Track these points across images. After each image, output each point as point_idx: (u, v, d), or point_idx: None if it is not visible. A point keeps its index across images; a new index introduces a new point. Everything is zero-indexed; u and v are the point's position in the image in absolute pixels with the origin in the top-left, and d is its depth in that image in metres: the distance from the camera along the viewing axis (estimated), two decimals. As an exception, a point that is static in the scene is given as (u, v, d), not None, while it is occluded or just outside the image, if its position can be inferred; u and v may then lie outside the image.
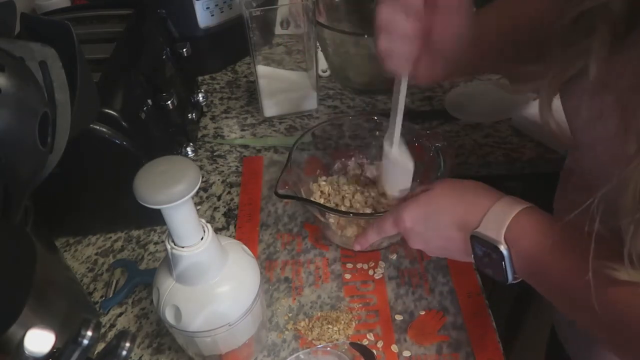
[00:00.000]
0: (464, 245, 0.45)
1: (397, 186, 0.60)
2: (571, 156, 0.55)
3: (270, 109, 0.85)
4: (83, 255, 0.67)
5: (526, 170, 0.76)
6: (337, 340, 0.55)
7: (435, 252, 0.51)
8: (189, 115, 0.79)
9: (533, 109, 0.81)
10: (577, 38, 0.35)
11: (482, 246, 0.43)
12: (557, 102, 0.41)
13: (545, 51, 0.39)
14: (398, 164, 0.58)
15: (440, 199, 0.48)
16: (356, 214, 0.62)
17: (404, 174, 0.59)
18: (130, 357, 0.39)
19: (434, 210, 0.48)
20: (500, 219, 0.42)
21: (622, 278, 0.33)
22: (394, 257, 0.64)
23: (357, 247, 0.56)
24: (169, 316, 0.45)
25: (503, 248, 0.41)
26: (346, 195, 0.65)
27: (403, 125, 0.56)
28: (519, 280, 0.43)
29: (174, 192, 0.38)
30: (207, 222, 0.44)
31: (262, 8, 0.76)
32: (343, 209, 0.64)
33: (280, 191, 0.58)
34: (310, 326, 0.57)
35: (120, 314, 0.60)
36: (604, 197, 0.32)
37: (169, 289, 0.45)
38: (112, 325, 0.59)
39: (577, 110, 0.40)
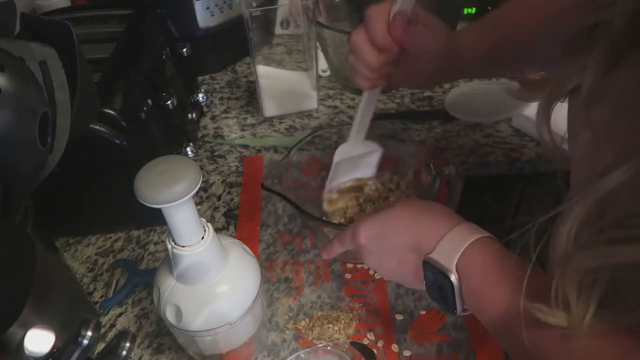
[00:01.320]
0: (415, 270, 0.43)
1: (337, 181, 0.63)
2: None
3: (270, 109, 0.85)
4: (83, 255, 0.67)
5: (526, 170, 0.76)
6: (337, 339, 0.55)
7: (388, 275, 0.49)
8: (189, 115, 0.79)
9: (533, 109, 0.80)
10: (577, 53, 0.34)
11: (433, 273, 0.41)
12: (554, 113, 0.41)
13: (544, 64, 0.39)
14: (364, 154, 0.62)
15: (397, 219, 0.46)
16: (331, 224, 0.60)
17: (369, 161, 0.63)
18: (130, 357, 0.39)
19: (390, 230, 0.45)
20: (454, 247, 0.40)
21: (549, 321, 0.32)
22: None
23: (324, 256, 0.54)
24: (170, 316, 0.45)
25: (454, 278, 0.39)
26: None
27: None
28: (468, 313, 0.42)
29: (175, 192, 0.38)
30: (207, 222, 0.44)
31: (262, 8, 0.76)
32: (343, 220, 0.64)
33: (267, 182, 0.58)
34: (311, 326, 0.57)
35: (120, 314, 0.60)
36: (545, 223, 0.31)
37: (169, 288, 0.45)
38: (112, 325, 0.59)
39: (570, 123, 0.40)
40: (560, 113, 0.41)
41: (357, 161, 0.63)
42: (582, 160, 0.36)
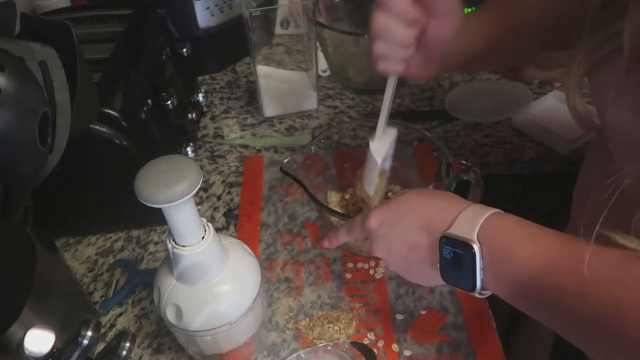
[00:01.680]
0: (427, 254, 0.43)
1: (373, 181, 0.60)
2: (595, 141, 0.54)
3: (270, 109, 0.85)
4: (83, 255, 0.67)
5: (526, 170, 0.76)
6: (337, 339, 0.55)
7: (395, 263, 0.48)
8: (189, 115, 0.79)
9: (533, 109, 0.81)
10: (607, 21, 0.35)
11: (452, 247, 0.40)
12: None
13: (572, 35, 0.39)
14: (372, 158, 0.58)
15: (410, 202, 0.46)
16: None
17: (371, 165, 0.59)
18: (130, 357, 0.39)
19: (402, 212, 0.45)
20: (473, 220, 0.40)
21: (627, 244, 0.32)
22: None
23: (326, 244, 0.54)
24: (170, 315, 0.45)
25: (476, 247, 0.39)
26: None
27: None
28: (487, 294, 0.41)
29: (175, 192, 0.38)
30: (207, 222, 0.44)
31: (262, 8, 0.76)
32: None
33: (285, 166, 0.58)
34: (311, 325, 0.57)
35: (120, 314, 0.60)
36: (628, 174, 0.32)
37: (170, 288, 0.45)
38: (112, 325, 0.59)
39: (604, 89, 0.40)
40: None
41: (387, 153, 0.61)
42: (623, 127, 0.37)
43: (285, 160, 0.60)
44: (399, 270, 0.48)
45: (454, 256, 0.41)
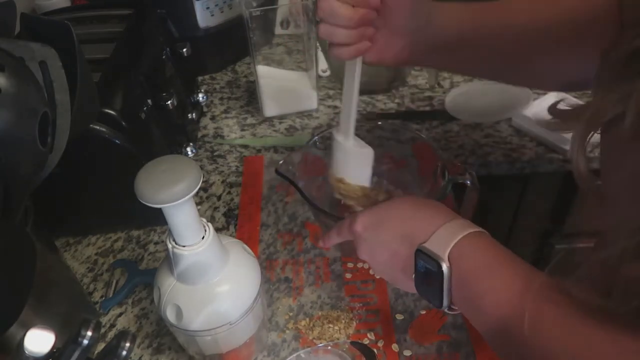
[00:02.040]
0: (405, 263, 0.43)
1: (363, 176, 0.59)
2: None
3: (270, 109, 0.85)
4: (83, 255, 0.67)
5: (526, 170, 0.76)
6: (337, 339, 0.55)
7: (379, 268, 0.48)
8: (189, 115, 0.79)
9: (533, 109, 0.81)
10: (622, 79, 0.32)
11: (424, 262, 0.41)
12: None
13: (593, 85, 0.37)
14: (359, 155, 0.57)
15: (396, 210, 0.46)
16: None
17: (366, 162, 0.58)
18: (130, 357, 0.39)
19: (387, 219, 0.46)
20: (448, 237, 0.40)
21: (581, 296, 0.32)
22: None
23: (321, 245, 0.54)
24: (170, 315, 0.45)
25: (445, 266, 0.39)
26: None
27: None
28: (457, 312, 0.41)
29: (175, 191, 0.38)
30: (207, 222, 0.44)
31: (262, 8, 0.76)
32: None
33: (281, 168, 0.57)
34: (311, 325, 0.57)
35: (120, 314, 0.60)
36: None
37: (170, 288, 0.45)
38: (112, 325, 0.59)
39: (605, 156, 0.39)
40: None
41: (351, 158, 0.60)
42: (625, 194, 0.35)
43: (281, 162, 0.59)
44: (382, 274, 0.48)
45: (426, 271, 0.41)
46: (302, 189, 0.58)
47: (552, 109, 0.40)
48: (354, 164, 0.59)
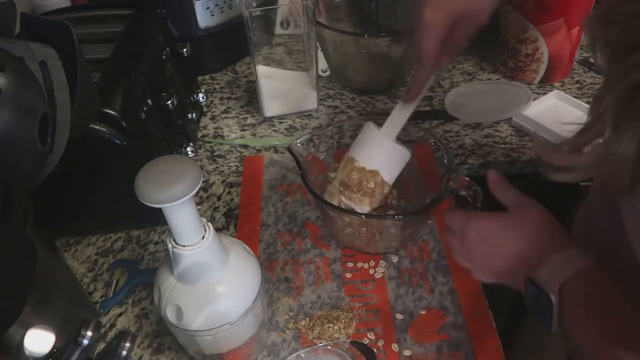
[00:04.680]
0: (514, 281, 0.45)
1: (391, 173, 0.62)
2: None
3: (270, 109, 0.85)
4: (83, 255, 0.67)
5: (526, 170, 0.76)
6: (337, 339, 0.55)
7: (487, 272, 0.49)
8: (189, 115, 0.79)
9: (533, 109, 0.81)
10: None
11: (536, 289, 0.42)
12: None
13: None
14: (399, 152, 0.61)
15: (513, 226, 0.47)
16: (368, 215, 0.61)
17: (401, 162, 0.62)
18: (130, 357, 0.39)
19: (502, 236, 0.46)
20: (561, 270, 0.41)
21: None
22: (395, 258, 0.64)
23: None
24: (170, 315, 0.45)
25: (554, 298, 0.40)
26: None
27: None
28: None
29: (176, 191, 0.38)
30: (207, 222, 0.44)
31: (262, 8, 0.76)
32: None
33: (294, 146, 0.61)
34: (311, 325, 0.57)
35: (120, 314, 0.60)
36: None
37: (170, 288, 0.45)
38: (112, 325, 0.59)
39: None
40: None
41: (390, 154, 0.62)
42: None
43: (297, 141, 0.63)
44: (487, 276, 0.49)
45: (537, 297, 0.42)
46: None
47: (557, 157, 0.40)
48: (389, 159, 0.62)
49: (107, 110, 0.57)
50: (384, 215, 0.63)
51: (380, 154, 0.61)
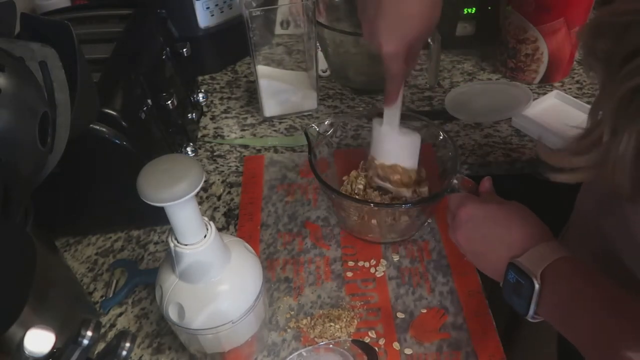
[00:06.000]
0: (497, 265, 0.47)
1: (411, 160, 0.64)
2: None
3: (270, 109, 0.85)
4: (83, 255, 0.67)
5: (526, 170, 0.76)
6: (339, 338, 0.55)
7: (470, 255, 0.52)
8: (189, 115, 0.79)
9: (533, 109, 0.81)
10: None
11: (517, 274, 0.44)
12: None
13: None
14: (408, 141, 0.63)
15: (504, 214, 0.49)
16: (378, 204, 0.62)
17: (414, 147, 0.64)
18: (130, 357, 0.39)
19: (493, 219, 0.49)
20: (544, 256, 0.43)
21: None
22: (396, 257, 0.64)
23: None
24: (172, 314, 0.45)
25: (537, 283, 0.42)
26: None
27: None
28: (539, 320, 0.44)
29: (177, 190, 0.38)
30: (209, 220, 0.44)
31: (262, 8, 0.76)
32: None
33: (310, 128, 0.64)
34: (312, 324, 0.57)
35: (120, 314, 0.60)
36: None
37: (172, 286, 0.45)
38: (112, 325, 0.59)
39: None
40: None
41: (397, 145, 0.64)
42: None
43: (314, 125, 0.65)
44: (471, 260, 0.52)
45: (516, 282, 0.44)
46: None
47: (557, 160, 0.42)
48: (401, 148, 0.64)
49: (107, 110, 0.57)
50: (384, 204, 0.64)
51: (390, 147, 0.64)
